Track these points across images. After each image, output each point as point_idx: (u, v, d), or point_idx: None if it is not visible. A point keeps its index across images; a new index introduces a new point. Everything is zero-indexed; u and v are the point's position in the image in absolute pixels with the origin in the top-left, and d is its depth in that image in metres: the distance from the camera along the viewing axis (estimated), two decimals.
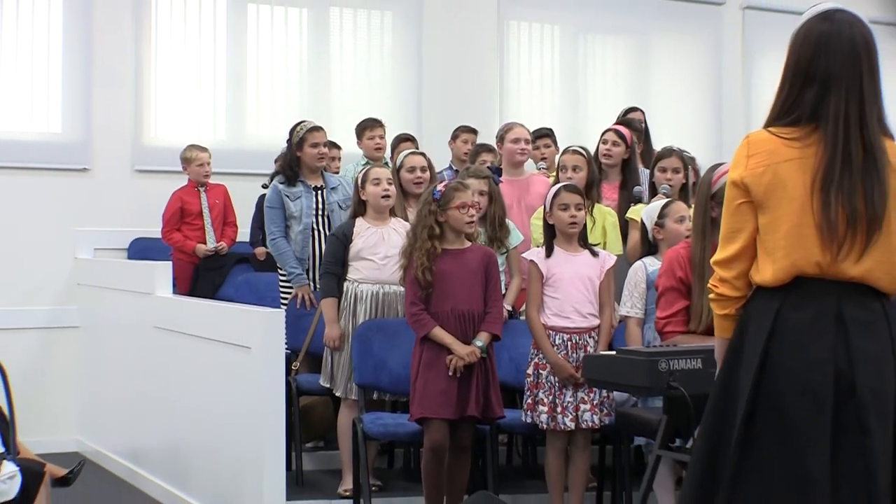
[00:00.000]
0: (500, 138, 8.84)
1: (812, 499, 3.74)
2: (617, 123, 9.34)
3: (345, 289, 7.58)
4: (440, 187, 6.78)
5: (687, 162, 8.17)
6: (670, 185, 7.86)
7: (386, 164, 8.75)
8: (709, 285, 4.09)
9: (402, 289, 7.06)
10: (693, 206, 6.77)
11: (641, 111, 10.39)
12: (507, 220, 7.71)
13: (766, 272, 3.89)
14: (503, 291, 7.46)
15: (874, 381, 3.77)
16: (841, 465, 3.75)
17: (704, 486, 4.00)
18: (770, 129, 3.95)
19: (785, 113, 3.94)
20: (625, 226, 8.03)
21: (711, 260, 4.12)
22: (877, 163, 3.82)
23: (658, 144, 9.47)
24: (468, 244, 6.80)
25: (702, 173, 7.21)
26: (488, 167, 8.19)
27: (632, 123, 9.67)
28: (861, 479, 3.75)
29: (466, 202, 6.70)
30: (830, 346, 3.78)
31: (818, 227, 3.79)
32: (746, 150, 3.95)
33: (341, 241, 7.62)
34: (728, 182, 4.01)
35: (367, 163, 9.01)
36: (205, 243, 9.91)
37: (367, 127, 9.96)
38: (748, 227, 3.94)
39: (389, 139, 10.05)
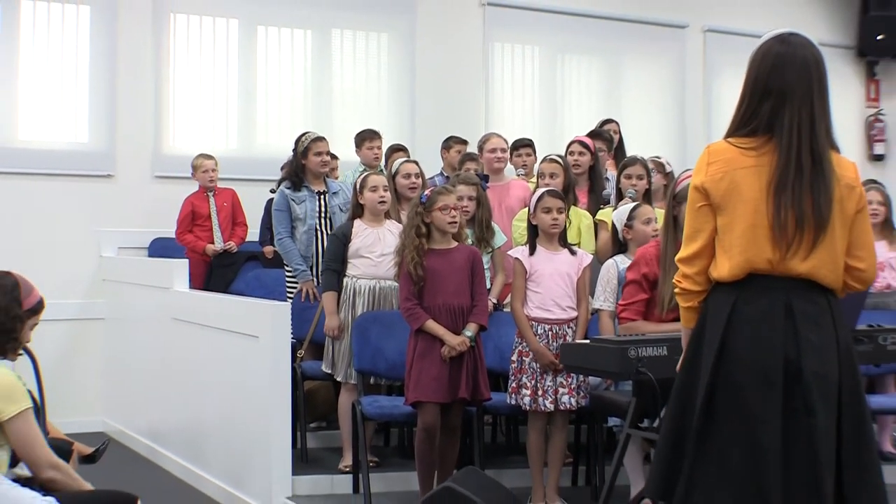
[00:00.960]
0: (480, 148, 8.92)
1: (765, 470, 3.80)
2: (588, 134, 9.37)
3: (344, 284, 7.58)
4: (427, 192, 6.83)
5: (650, 169, 8.20)
6: (635, 190, 7.89)
7: (381, 171, 8.74)
8: (673, 280, 4.14)
9: (396, 284, 7.07)
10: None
11: (616, 123, 10.42)
12: (492, 222, 7.73)
13: (724, 268, 3.94)
14: (489, 286, 7.50)
15: (819, 367, 3.83)
16: (790, 440, 3.82)
17: (671, 460, 4.04)
18: (729, 139, 4.01)
19: (743, 124, 3.99)
20: (595, 227, 8.06)
21: (675, 257, 4.16)
22: (824, 171, 3.87)
23: (628, 152, 9.52)
24: (455, 244, 6.81)
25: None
26: (476, 174, 8.23)
27: (601, 134, 9.76)
28: (807, 454, 3.81)
29: (449, 204, 6.71)
30: (780, 335, 3.84)
31: (770, 227, 3.85)
32: (707, 158, 4.00)
33: (341, 240, 7.63)
34: (690, 187, 4.06)
35: (364, 170, 9.00)
36: (213, 243, 9.97)
37: (367, 138, 9.94)
38: (708, 228, 3.99)
39: (384, 149, 10.05)
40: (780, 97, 3.92)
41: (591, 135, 9.46)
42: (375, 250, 7.48)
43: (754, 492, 3.83)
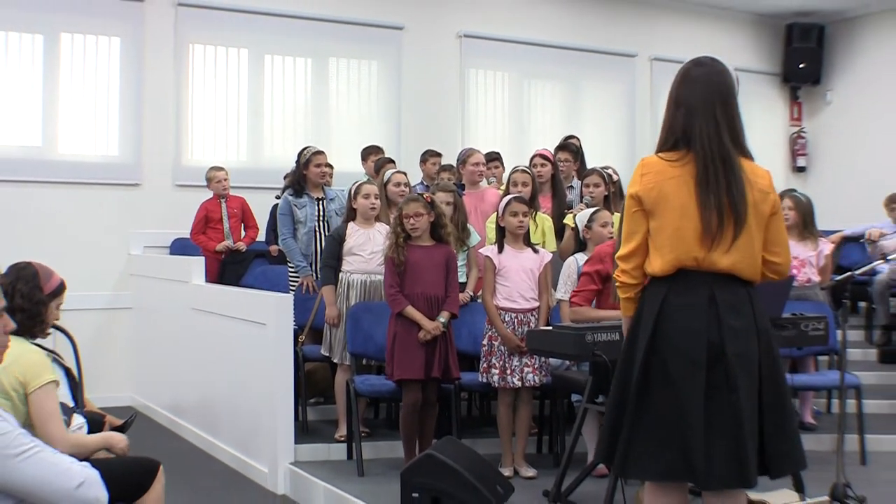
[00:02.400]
0: (463, 161, 8.85)
1: (690, 437, 3.85)
2: (556, 147, 9.42)
3: (340, 278, 7.58)
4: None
5: (606, 179, 8.23)
6: (592, 197, 7.92)
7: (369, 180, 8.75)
8: (613, 276, 4.24)
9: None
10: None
11: (577, 139, 10.44)
12: (468, 224, 7.73)
13: (656, 265, 4.01)
14: (465, 280, 7.52)
15: (739, 348, 3.89)
16: (713, 413, 3.86)
17: (614, 427, 4.08)
18: (659, 154, 4.06)
19: (666, 140, 4.07)
20: (561, 229, 8.06)
21: (616, 255, 4.24)
22: (734, 173, 3.93)
23: (588, 165, 9.54)
24: (434, 243, 6.82)
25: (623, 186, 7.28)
26: (454, 183, 8.24)
27: (568, 146, 9.80)
28: (730, 426, 3.85)
29: (409, 213, 6.74)
30: (704, 322, 3.90)
31: (696, 228, 3.91)
32: (640, 170, 4.06)
33: (337, 240, 7.63)
34: (627, 195, 4.13)
35: (368, 179, 8.98)
36: (227, 243, 9.98)
37: (372, 152, 10.08)
38: (642, 230, 4.04)
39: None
40: (689, 111, 4.01)
41: (559, 147, 9.54)
42: (366, 249, 7.48)
43: (680, 456, 3.88)
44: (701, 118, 3.98)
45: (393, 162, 9.55)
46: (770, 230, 4.03)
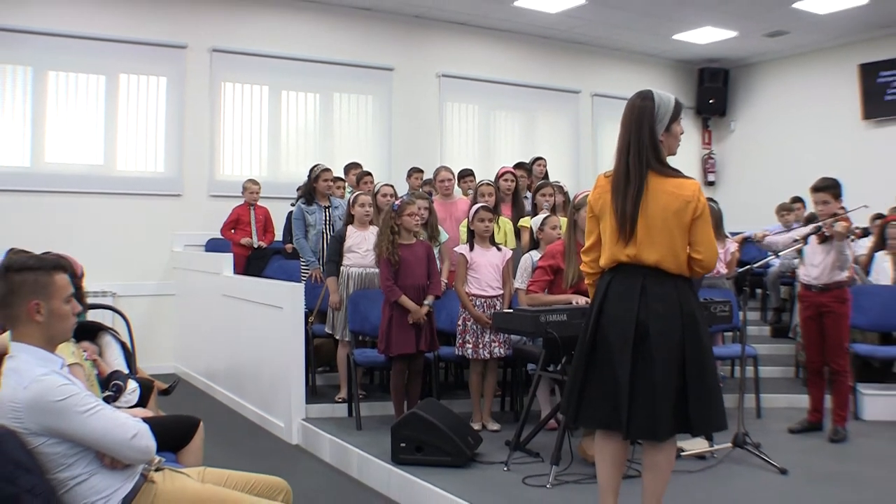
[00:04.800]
0: (434, 177, 8.93)
1: (619, 396, 3.94)
2: (514, 165, 9.43)
3: (341, 271, 7.57)
4: (397, 202, 6.83)
5: (556, 190, 8.25)
6: (548, 204, 7.92)
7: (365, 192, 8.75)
8: (580, 266, 4.32)
9: (377, 270, 7.06)
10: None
11: (544, 159, 10.45)
12: (439, 226, 7.75)
13: (603, 259, 4.08)
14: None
15: (661, 329, 3.91)
16: (636, 379, 3.93)
17: (572, 388, 4.14)
18: (606, 172, 4.13)
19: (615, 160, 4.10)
20: (518, 231, 8.08)
21: (580, 251, 4.33)
22: (639, 183, 3.95)
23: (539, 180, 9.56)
24: (415, 241, 6.81)
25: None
26: (428, 193, 8.27)
27: (524, 165, 9.92)
28: (647, 390, 3.92)
29: (414, 211, 6.75)
30: (635, 306, 3.95)
31: (617, 228, 3.99)
32: (595, 184, 4.15)
33: (338, 240, 7.63)
34: (587, 203, 4.23)
35: (364, 191, 8.93)
36: (250, 239, 10.03)
37: (352, 168, 10.13)
38: (595, 231, 4.13)
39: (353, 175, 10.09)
40: (622, 129, 4.06)
41: (517, 165, 9.55)
42: (362, 247, 7.47)
43: (612, 411, 3.96)
44: (621, 139, 4.04)
45: (370, 174, 9.56)
46: (694, 233, 3.96)
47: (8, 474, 2.84)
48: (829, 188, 6.57)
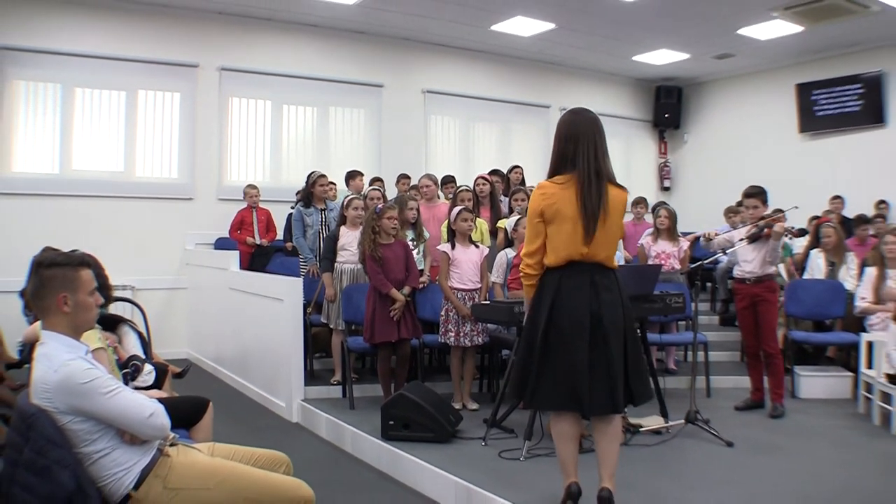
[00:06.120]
0: (419, 184, 8.95)
1: (578, 378, 3.96)
2: (489, 172, 9.44)
3: (335, 267, 7.56)
4: (379, 206, 6.86)
5: (528, 195, 8.26)
6: (519, 207, 7.94)
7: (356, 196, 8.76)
8: (520, 268, 4.24)
9: None
10: None
11: (521, 167, 10.46)
12: (423, 226, 7.77)
13: (551, 259, 4.07)
14: (422, 268, 7.52)
15: (611, 316, 3.99)
16: (595, 362, 3.96)
17: (522, 373, 4.15)
18: (551, 179, 4.10)
19: (556, 167, 4.11)
20: (496, 231, 8.09)
21: (521, 253, 4.29)
22: (602, 187, 4.00)
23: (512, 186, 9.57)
24: (394, 240, 6.80)
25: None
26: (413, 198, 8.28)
27: (498, 172, 9.89)
28: (605, 370, 3.96)
29: (393, 215, 6.76)
30: (587, 298, 3.99)
31: (580, 232, 3.98)
32: (540, 191, 4.10)
33: (332, 239, 7.61)
34: (529, 209, 4.17)
35: (356, 196, 8.94)
36: (253, 239, 10.00)
37: (355, 175, 10.01)
38: (542, 235, 4.08)
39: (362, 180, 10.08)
40: (575, 141, 4.05)
41: (492, 172, 9.56)
42: (354, 246, 7.44)
43: (571, 392, 3.98)
44: (584, 147, 4.03)
45: (381, 180, 9.60)
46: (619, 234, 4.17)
47: (40, 448, 2.86)
48: (758, 194, 6.74)
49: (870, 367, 6.98)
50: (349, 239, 7.54)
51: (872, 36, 11.65)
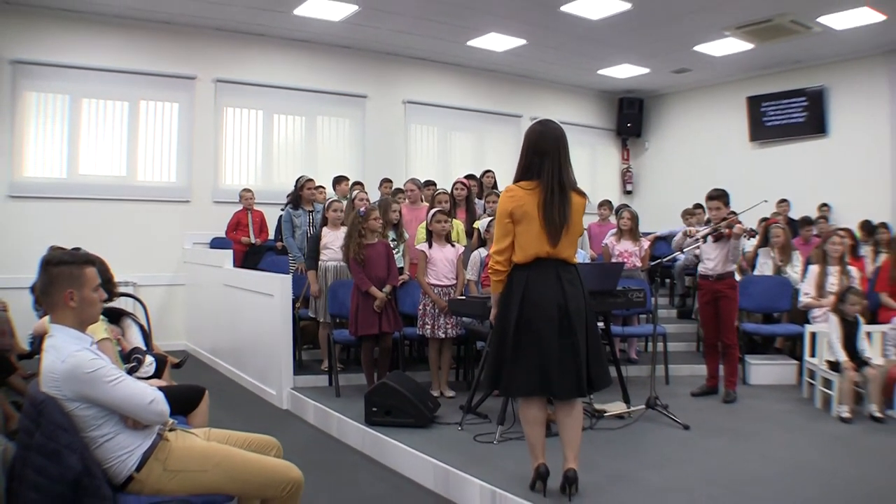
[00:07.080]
0: (403, 188, 8.94)
1: (548, 365, 4.00)
2: (465, 176, 9.42)
3: (320, 265, 7.57)
4: (363, 209, 6.85)
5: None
6: (492, 209, 7.95)
7: (337, 199, 8.75)
8: (489, 265, 4.26)
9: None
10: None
11: (493, 172, 10.54)
12: (404, 227, 7.80)
13: (519, 256, 4.09)
14: (402, 265, 7.54)
15: (575, 307, 4.03)
16: (563, 349, 4.00)
17: (496, 363, 4.17)
18: (518, 183, 4.14)
19: (524, 173, 4.14)
20: (471, 232, 8.11)
21: (490, 251, 4.28)
22: (565, 198, 4.04)
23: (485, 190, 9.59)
24: (377, 240, 6.79)
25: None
26: (397, 200, 8.28)
27: (474, 176, 9.91)
28: (572, 357, 4.01)
29: (378, 216, 6.77)
30: (554, 291, 4.02)
31: (545, 232, 4.01)
32: (508, 194, 4.14)
33: (315, 240, 7.65)
34: (498, 210, 4.18)
35: (337, 198, 8.96)
36: (248, 238, 9.92)
37: (342, 180, 10.02)
38: (511, 234, 4.10)
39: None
40: (543, 155, 4.07)
41: (468, 176, 9.54)
42: (336, 245, 7.47)
43: (543, 379, 4.01)
44: (550, 160, 4.06)
45: (361, 184, 9.57)
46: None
47: (51, 433, 2.86)
48: (720, 197, 6.77)
49: (813, 355, 7.07)
50: (331, 238, 7.57)
51: (816, 54, 11.79)
